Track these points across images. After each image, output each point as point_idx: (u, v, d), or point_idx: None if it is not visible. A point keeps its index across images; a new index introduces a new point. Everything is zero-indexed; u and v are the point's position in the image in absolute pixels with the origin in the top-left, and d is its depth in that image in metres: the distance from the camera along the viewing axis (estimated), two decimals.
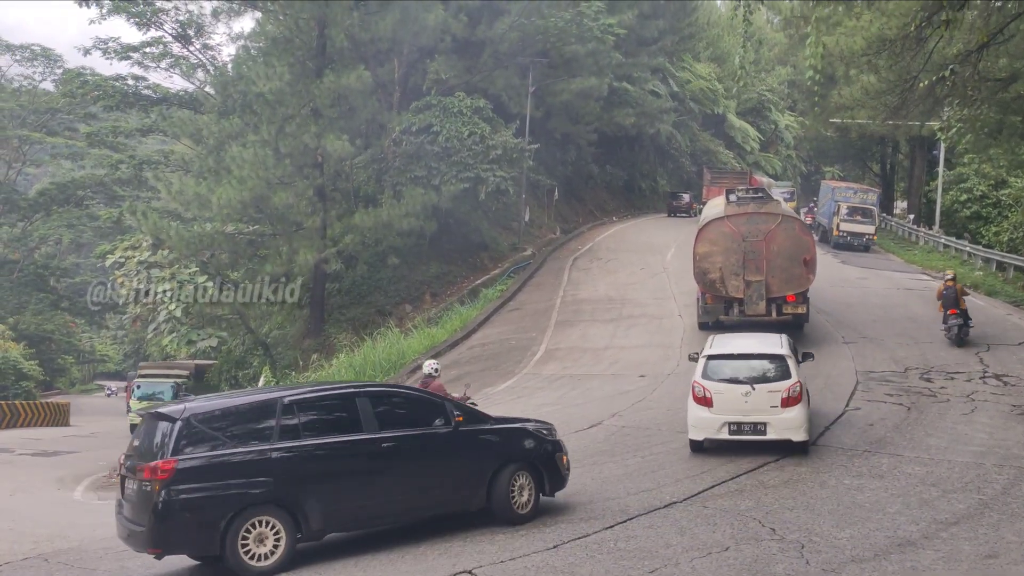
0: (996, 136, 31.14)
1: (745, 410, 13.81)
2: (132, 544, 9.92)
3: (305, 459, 9.97)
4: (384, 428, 10.52)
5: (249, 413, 10.19)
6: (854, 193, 46.52)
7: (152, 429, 9.96)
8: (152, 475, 9.30)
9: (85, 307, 58.39)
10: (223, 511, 9.45)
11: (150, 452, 9.67)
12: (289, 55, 35.15)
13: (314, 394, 10.84)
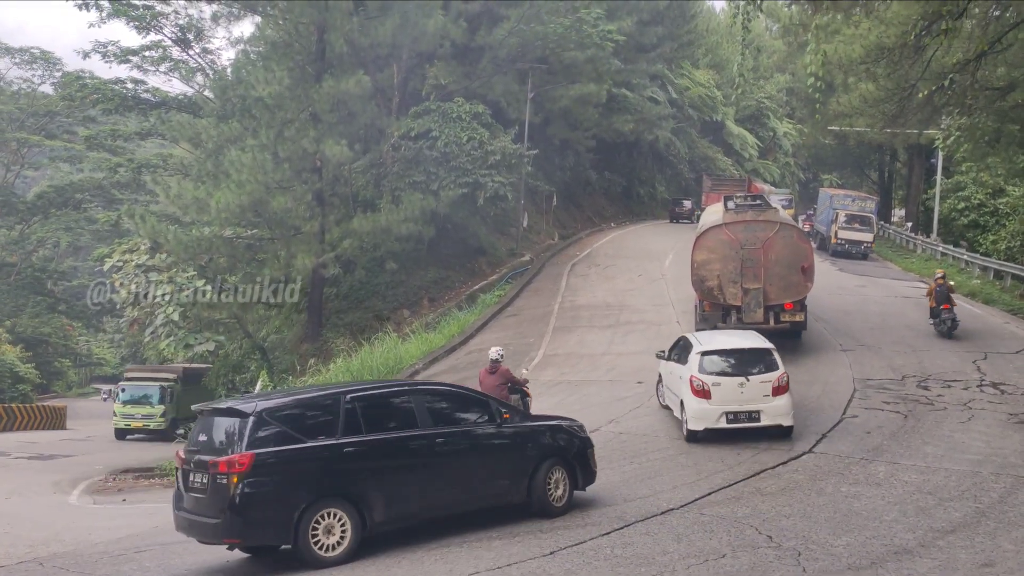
0: (994, 145, 31.24)
1: (741, 400, 15.15)
2: (200, 535, 10.25)
3: (368, 453, 10.39)
4: (437, 425, 11.06)
5: (315, 408, 10.60)
6: (852, 201, 46.60)
7: (218, 424, 10.34)
8: (229, 468, 9.61)
9: (82, 310, 58.34)
10: (296, 503, 9.80)
11: (220, 446, 10.04)
12: (288, 60, 35.16)
13: (374, 391, 11.30)
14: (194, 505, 10.12)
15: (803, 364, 20.95)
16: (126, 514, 17.13)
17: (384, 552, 10.51)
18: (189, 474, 10.27)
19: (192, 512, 10.15)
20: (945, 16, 21.05)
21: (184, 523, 10.37)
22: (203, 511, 9.95)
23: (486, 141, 38.10)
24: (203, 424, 10.69)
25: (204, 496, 9.94)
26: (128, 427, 37.46)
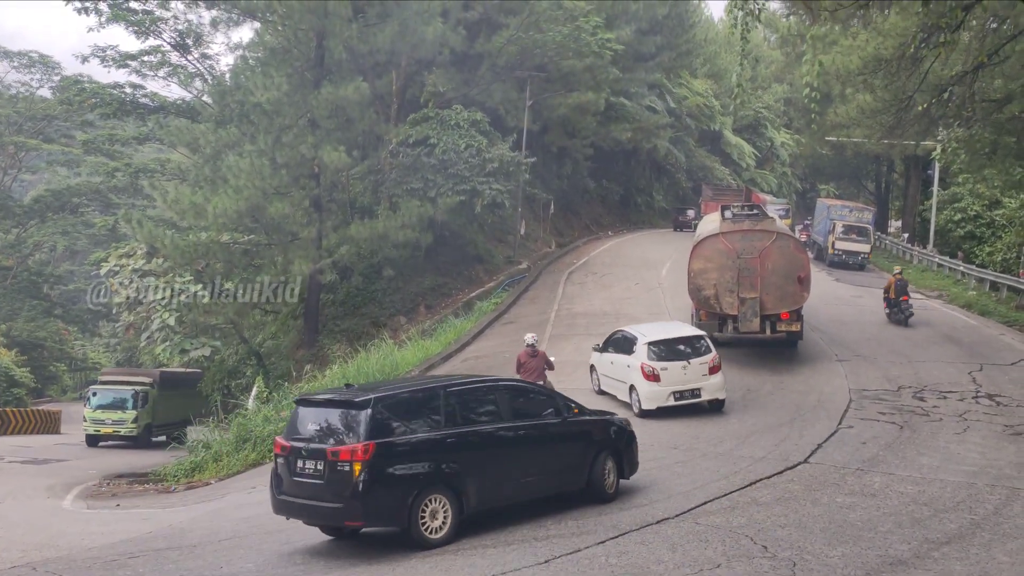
0: (991, 156, 31.32)
1: (684, 380, 17.99)
2: (312, 518, 11.06)
3: (465, 443, 11.18)
4: (516, 418, 11.93)
5: (421, 401, 11.32)
6: (850, 211, 46.69)
7: (329, 414, 11.06)
8: (352, 456, 10.27)
9: (78, 314, 58.26)
10: (410, 488, 10.53)
11: (335, 435, 10.70)
12: (287, 66, 35.20)
13: (467, 386, 12.08)
14: (305, 490, 10.73)
15: (799, 374, 20.96)
16: (120, 519, 17.08)
17: (380, 559, 10.49)
18: (296, 461, 10.84)
19: (302, 496, 10.77)
20: (943, 28, 21.13)
21: (287, 506, 11.05)
22: (319, 496, 10.59)
23: (484, 148, 38.15)
24: (309, 414, 11.31)
25: (320, 482, 10.54)
26: (98, 433, 35.75)
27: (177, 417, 37.91)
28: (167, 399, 37.97)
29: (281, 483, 11.13)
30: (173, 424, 37.41)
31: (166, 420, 37.72)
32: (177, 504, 18.60)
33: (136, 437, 35.73)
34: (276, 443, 11.38)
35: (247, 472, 21.91)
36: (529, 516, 11.73)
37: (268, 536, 12.62)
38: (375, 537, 11.59)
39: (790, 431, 15.97)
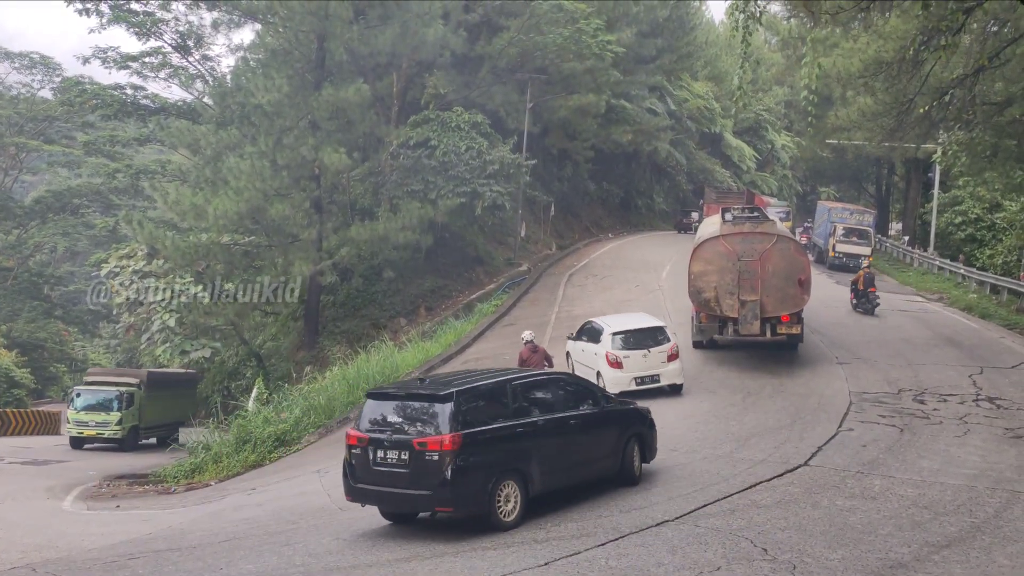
0: (991, 159, 31.33)
1: (645, 367, 19.90)
2: (396, 505, 11.84)
3: (531, 433, 11.91)
4: (565, 408, 12.75)
5: (493, 393, 12.01)
6: (850, 214, 46.71)
7: (410, 407, 11.68)
8: (441, 446, 10.86)
9: (79, 315, 58.26)
10: (489, 475, 11.19)
11: (419, 427, 11.32)
12: (288, 67, 35.24)
13: (528, 379, 12.88)
14: (387, 479, 11.31)
15: (799, 376, 20.96)
16: (120, 520, 17.07)
17: (380, 561, 10.49)
18: (376, 451, 11.40)
19: (383, 485, 11.37)
20: (943, 31, 21.15)
21: (364, 494, 11.70)
22: (404, 484, 11.17)
23: (485, 150, 38.18)
24: (386, 407, 11.93)
25: (405, 471, 11.13)
26: (81, 435, 34.35)
27: (167, 419, 37.38)
28: (155, 400, 36.86)
29: (356, 472, 11.68)
30: (163, 426, 36.99)
31: (155, 422, 36.94)
32: (177, 505, 18.60)
33: (121, 440, 34.53)
34: (349, 435, 11.91)
35: (247, 473, 21.92)
36: (529, 518, 11.73)
37: (268, 537, 12.62)
38: (376, 533, 11.60)
39: (790, 434, 15.96)
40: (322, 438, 23.78)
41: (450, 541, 11.02)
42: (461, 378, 12.65)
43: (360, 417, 12.12)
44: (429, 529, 11.83)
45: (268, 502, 15.94)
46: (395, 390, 12.65)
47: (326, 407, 25.48)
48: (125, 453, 33.18)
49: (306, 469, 19.34)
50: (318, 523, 13.18)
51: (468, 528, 11.21)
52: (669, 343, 20.22)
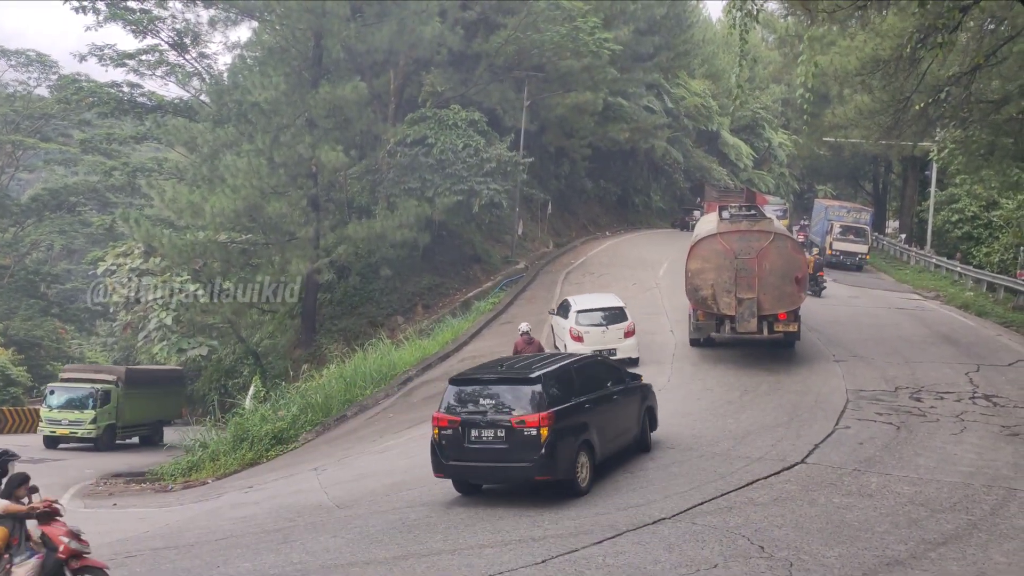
0: (988, 157, 31.34)
1: (603, 341, 22.52)
2: (491, 479, 13.10)
3: (593, 407, 13.45)
4: (607, 386, 14.33)
5: (564, 375, 13.40)
6: (847, 212, 46.79)
7: (502, 390, 12.90)
8: (538, 423, 12.22)
9: (75, 313, 58.15)
10: (574, 446, 12.65)
11: (513, 406, 12.55)
12: (285, 65, 35.19)
13: (581, 363, 14.35)
14: (484, 455, 12.56)
15: (796, 374, 20.97)
16: (117, 519, 17.07)
17: (377, 558, 10.49)
18: (470, 430, 12.59)
19: (480, 460, 12.61)
20: (940, 29, 21.16)
21: (459, 470, 12.96)
22: (503, 458, 12.45)
23: (482, 148, 38.16)
24: (475, 391, 13.09)
25: (504, 447, 12.40)
26: (54, 434, 32.91)
27: (148, 417, 36.51)
28: (135, 398, 35.50)
29: (446, 451, 12.82)
30: (143, 425, 36.27)
31: (134, 421, 35.75)
32: (174, 503, 18.60)
33: (96, 439, 33.14)
34: (438, 418, 12.96)
35: (244, 471, 21.92)
36: (527, 516, 11.74)
37: (266, 535, 12.62)
38: (372, 531, 11.61)
39: (787, 431, 15.97)
40: (319, 436, 23.78)
41: (447, 539, 11.04)
42: (536, 363, 14.02)
43: (444, 401, 13.16)
44: (427, 527, 11.84)
45: (265, 500, 15.94)
46: (481, 375, 13.76)
47: (323, 405, 25.50)
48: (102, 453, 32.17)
49: (303, 467, 19.34)
50: (315, 521, 13.18)
51: (465, 529, 11.21)
52: (627, 322, 23.05)
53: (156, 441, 36.29)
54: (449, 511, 12.60)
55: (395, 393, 25.96)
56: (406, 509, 13.06)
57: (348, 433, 22.96)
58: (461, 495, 13.40)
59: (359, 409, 25.24)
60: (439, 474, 13.08)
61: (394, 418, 22.89)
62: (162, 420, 37.20)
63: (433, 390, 24.82)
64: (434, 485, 14.19)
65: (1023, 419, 16.64)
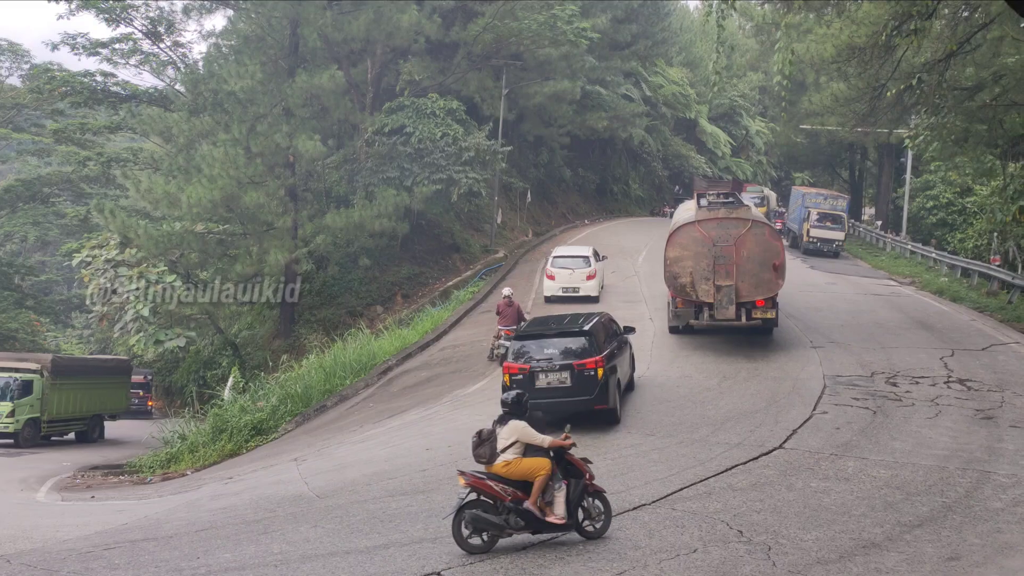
0: (962, 144, 31.60)
1: (570, 281, 29.77)
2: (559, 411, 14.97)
3: (616, 353, 17.01)
4: (616, 336, 17.93)
5: (600, 328, 16.92)
6: (824, 199, 47.05)
7: (560, 342, 16.24)
8: (596, 366, 15.71)
9: (50, 306, 57.56)
10: (615, 381, 16.34)
11: (570, 354, 15.98)
12: (261, 54, 34.93)
13: (604, 318, 17.87)
14: (552, 393, 15.71)
15: (774, 361, 21.12)
16: (95, 511, 16.95)
17: (354, 549, 10.49)
18: (538, 375, 15.86)
19: (548, 398, 15.55)
20: (915, 16, 21.30)
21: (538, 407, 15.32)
22: (568, 395, 15.67)
23: (460, 137, 38.07)
24: (540, 344, 16.35)
25: (568, 385, 15.73)
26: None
27: (83, 411, 33.66)
28: (65, 390, 32.49)
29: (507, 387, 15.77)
30: (77, 420, 33.50)
31: (65, 415, 32.70)
32: (153, 495, 18.50)
33: (15, 434, 30.28)
34: (509, 367, 16.10)
35: (223, 463, 21.83)
36: None
37: (246, 526, 12.59)
38: (353, 521, 11.61)
39: (765, 417, 16.10)
40: (299, 426, 23.72)
41: (428, 528, 11.05)
42: (580, 319, 17.37)
43: (509, 354, 16.54)
44: (408, 516, 11.85)
45: (245, 491, 15.88)
46: (542, 331, 16.82)
47: (303, 395, 25.42)
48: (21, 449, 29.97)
49: (283, 458, 19.28)
50: (296, 511, 13.16)
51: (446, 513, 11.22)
52: (590, 268, 29.78)
53: (95, 438, 34.16)
54: (430, 500, 12.62)
55: (375, 383, 25.92)
56: (387, 498, 13.06)
57: (328, 423, 22.91)
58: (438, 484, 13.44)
59: (339, 399, 25.19)
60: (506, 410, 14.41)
61: (374, 408, 22.85)
62: (101, 414, 34.92)
63: (413, 379, 24.81)
64: (415, 474, 14.21)
65: (997, 403, 16.85)
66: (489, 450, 10.01)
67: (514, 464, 9.95)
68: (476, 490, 9.78)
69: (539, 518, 9.77)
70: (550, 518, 9.81)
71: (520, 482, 9.88)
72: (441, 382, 23.35)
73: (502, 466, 9.97)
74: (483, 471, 10.02)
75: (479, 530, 9.77)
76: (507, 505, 9.74)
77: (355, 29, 35.36)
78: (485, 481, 9.82)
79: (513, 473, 9.92)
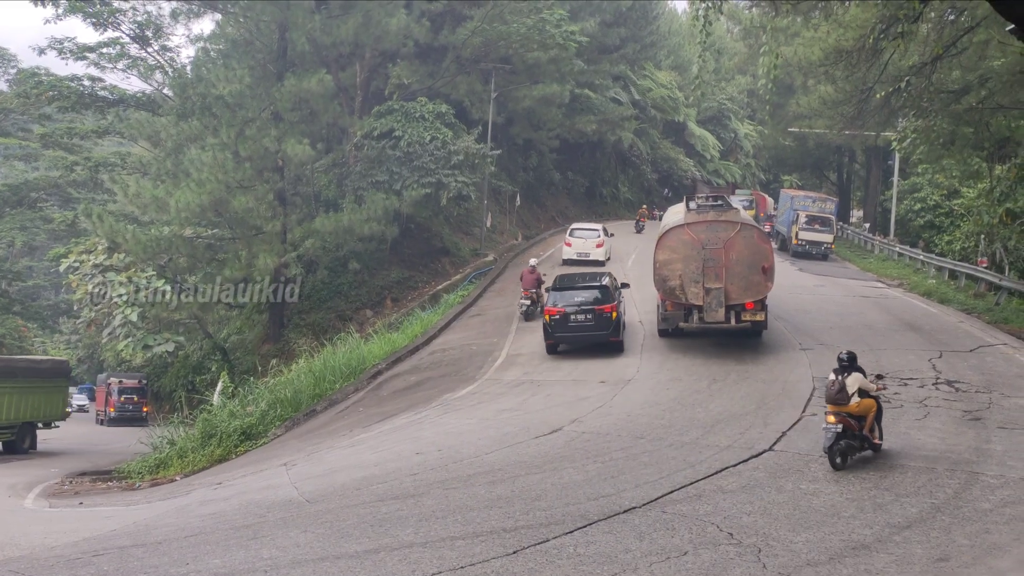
0: (948, 147, 31.78)
1: (583, 248, 37.92)
2: (585, 342, 23.41)
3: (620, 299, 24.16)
4: (619, 289, 24.88)
5: (609, 282, 24.09)
6: (812, 202, 47.22)
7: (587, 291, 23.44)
8: (612, 309, 22.89)
9: (38, 311, 57.28)
10: (622, 321, 23.68)
11: (593, 300, 23.04)
12: (249, 58, 34.89)
13: (610, 276, 25.05)
14: (580, 329, 23.15)
15: (763, 363, 21.18)
16: (83, 517, 16.86)
17: (344, 554, 10.47)
18: (571, 315, 23.04)
19: (578, 332, 23.22)
20: (901, 20, 21.41)
21: (563, 339, 23.68)
22: (591, 330, 23.09)
23: (449, 141, 38.07)
24: (571, 293, 23.48)
25: (592, 323, 22.95)
26: None
27: (11, 418, 31.08)
28: None
29: (555, 330, 23.43)
30: (5, 428, 31.01)
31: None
32: (141, 501, 18.41)
33: None
34: (549, 311, 23.44)
35: (213, 468, 21.74)
36: (498, 507, 11.77)
37: (235, 532, 12.53)
38: (343, 525, 11.58)
39: (755, 420, 16.13)
40: (289, 431, 23.65)
41: (419, 532, 11.03)
42: (597, 276, 25.19)
43: (549, 300, 23.77)
44: (398, 520, 11.83)
45: (234, 496, 15.82)
46: (572, 285, 24.06)
47: (292, 400, 25.35)
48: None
49: (273, 463, 19.21)
50: (285, 516, 13.11)
51: (436, 522, 11.21)
52: (599, 239, 38.30)
53: (24, 449, 31.72)
54: (420, 504, 12.59)
55: (365, 387, 25.87)
56: (377, 503, 13.03)
57: (318, 428, 22.84)
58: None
59: (328, 404, 25.13)
60: (550, 341, 23.81)
61: (364, 412, 22.80)
62: (33, 422, 32.60)
63: (403, 384, 24.77)
64: (405, 478, 14.18)
65: (985, 404, 16.93)
66: (845, 396, 13.10)
67: (862, 404, 13.17)
68: (844, 425, 12.92)
69: (873, 442, 13.28)
70: (876, 441, 13.37)
71: (856, 417, 13.12)
72: (431, 386, 23.32)
73: (855, 406, 13.13)
74: (834, 411, 13.09)
75: (844, 455, 12.93)
76: (858, 434, 13.09)
77: (344, 33, 35.34)
78: (847, 419, 13.00)
79: (858, 411, 13.14)
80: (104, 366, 55.49)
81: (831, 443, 12.85)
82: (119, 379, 49.64)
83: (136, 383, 48.71)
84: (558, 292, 23.40)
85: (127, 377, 49.54)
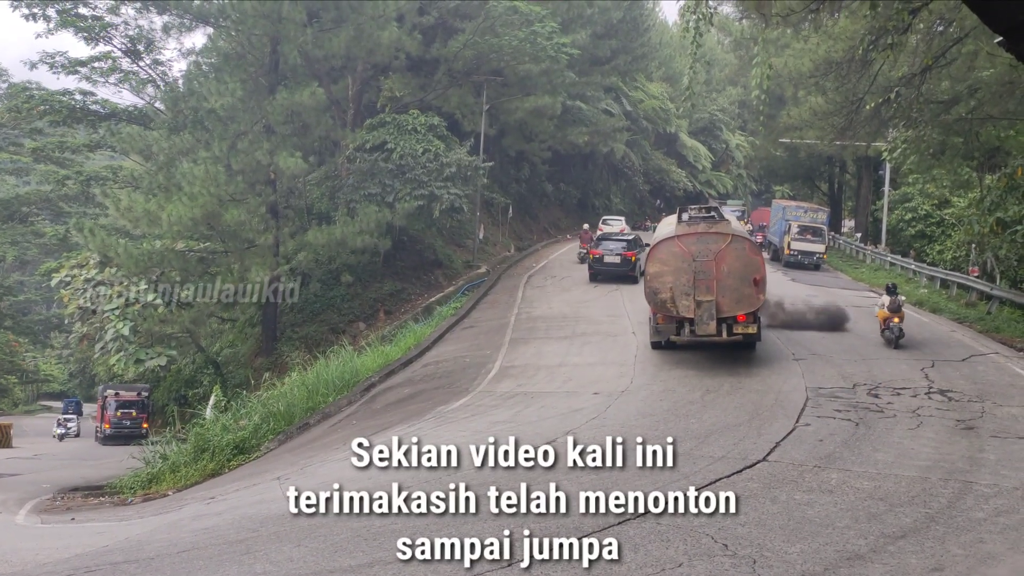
0: (939, 157, 31.96)
1: (613, 228, 46.00)
2: (613, 276, 34.79)
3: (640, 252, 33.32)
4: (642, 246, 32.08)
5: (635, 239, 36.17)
6: (804, 212, 47.37)
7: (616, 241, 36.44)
8: (634, 255, 34.32)
9: (29, 326, 57.16)
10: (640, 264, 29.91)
11: (622, 246, 35.00)
12: (241, 71, 34.89)
13: (635, 234, 37.57)
14: (611, 267, 34.25)
15: (757, 374, 21.18)
16: (75, 533, 16.75)
17: (338, 568, 10.42)
18: (606, 257, 34.38)
19: (609, 268, 34.35)
20: (891, 31, 21.56)
21: (600, 273, 34.73)
22: (619, 268, 34.05)
23: (441, 153, 38.12)
24: (608, 243, 35.69)
25: (619, 263, 34.10)
26: None
27: None
28: None
29: (595, 267, 34.69)
30: None
31: None
32: (134, 516, 18.29)
33: None
34: (594, 252, 35.15)
35: (205, 482, 21.62)
36: (493, 520, 11.71)
37: (228, 547, 12.47)
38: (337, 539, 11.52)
39: (748, 430, 16.12)
40: (282, 445, 23.55)
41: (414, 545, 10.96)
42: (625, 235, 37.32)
43: (593, 244, 35.67)
44: (392, 533, 11.78)
45: (227, 511, 15.73)
46: (608, 238, 35.71)
47: (285, 413, 25.25)
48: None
49: (266, 477, 19.12)
50: (279, 530, 13.05)
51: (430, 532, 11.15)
52: (623, 226, 48.48)
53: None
54: (414, 517, 12.53)
55: (358, 400, 25.79)
56: (371, 516, 12.97)
57: (311, 441, 22.75)
58: None
59: (322, 417, 25.05)
60: (591, 271, 34.72)
61: (357, 425, 22.73)
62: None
63: (396, 396, 24.71)
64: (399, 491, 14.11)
65: (977, 413, 16.97)
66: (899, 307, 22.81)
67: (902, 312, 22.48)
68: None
69: None
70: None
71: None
72: (424, 398, 23.26)
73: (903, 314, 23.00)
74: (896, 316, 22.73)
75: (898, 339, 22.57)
76: None
77: (336, 46, 35.41)
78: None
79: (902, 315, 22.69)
80: (96, 380, 55.04)
81: (897, 335, 22.78)
82: (115, 391, 45.99)
83: (135, 396, 45.57)
84: (600, 242, 36.01)
85: (125, 390, 46.06)
